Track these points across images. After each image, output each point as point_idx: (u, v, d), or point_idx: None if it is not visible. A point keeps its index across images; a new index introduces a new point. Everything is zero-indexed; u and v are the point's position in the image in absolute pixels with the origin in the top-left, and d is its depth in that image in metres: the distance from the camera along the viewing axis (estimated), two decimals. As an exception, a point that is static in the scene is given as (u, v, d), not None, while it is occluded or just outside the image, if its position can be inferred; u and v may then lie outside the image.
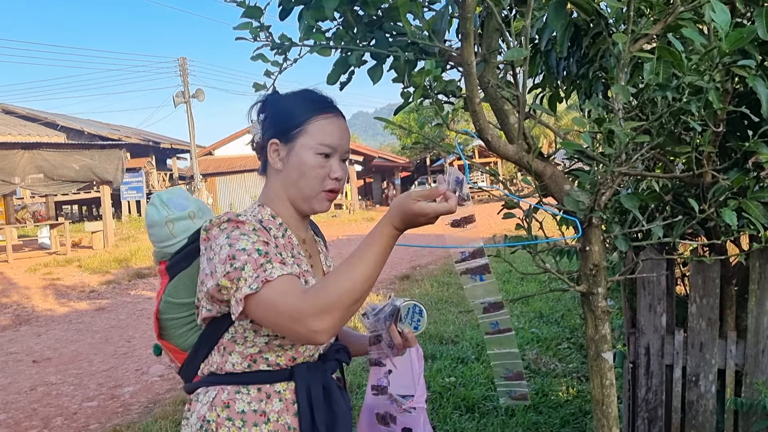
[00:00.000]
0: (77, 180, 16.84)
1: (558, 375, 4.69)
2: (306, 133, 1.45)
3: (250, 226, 1.36)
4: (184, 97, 27.49)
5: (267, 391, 1.42)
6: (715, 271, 2.34)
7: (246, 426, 1.38)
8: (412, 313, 1.59)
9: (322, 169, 1.45)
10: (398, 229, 1.30)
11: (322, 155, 1.45)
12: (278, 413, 1.41)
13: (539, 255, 1.64)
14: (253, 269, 1.27)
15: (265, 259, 1.29)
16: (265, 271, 1.26)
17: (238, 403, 1.40)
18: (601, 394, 1.59)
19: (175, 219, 1.72)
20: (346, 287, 1.22)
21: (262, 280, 1.25)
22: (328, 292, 1.22)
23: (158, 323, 1.67)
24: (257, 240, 1.32)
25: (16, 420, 4.90)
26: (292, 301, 1.23)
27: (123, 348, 7.02)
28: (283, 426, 1.40)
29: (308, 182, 1.45)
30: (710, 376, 2.41)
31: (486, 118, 1.49)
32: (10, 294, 10.97)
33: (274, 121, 1.50)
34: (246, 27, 1.58)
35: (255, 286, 1.24)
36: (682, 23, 1.52)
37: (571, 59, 2.11)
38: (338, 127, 1.48)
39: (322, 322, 1.21)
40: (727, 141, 2.02)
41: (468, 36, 1.38)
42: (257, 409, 1.40)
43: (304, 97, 1.51)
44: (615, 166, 1.44)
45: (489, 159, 32.69)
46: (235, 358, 1.43)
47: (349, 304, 1.23)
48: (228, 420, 1.39)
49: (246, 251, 1.29)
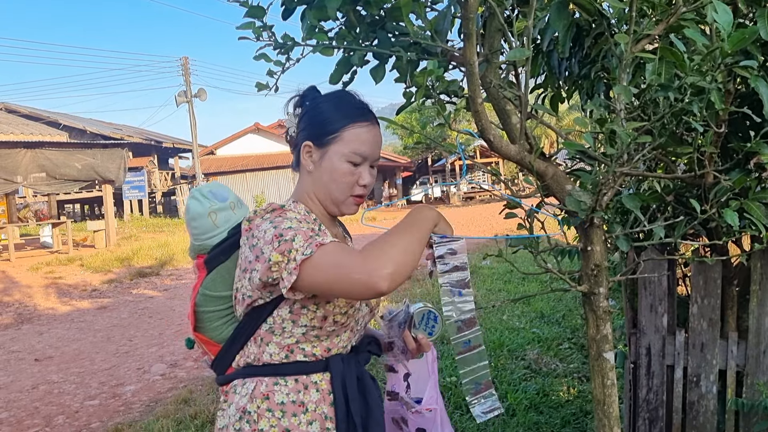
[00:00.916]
0: (79, 179, 16.88)
1: (559, 375, 4.69)
2: (340, 140, 1.47)
3: (293, 214, 1.42)
4: (186, 96, 27.52)
5: (304, 382, 1.46)
6: (716, 272, 2.34)
7: (286, 416, 1.43)
8: (426, 318, 1.60)
9: (351, 176, 1.48)
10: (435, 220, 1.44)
11: (353, 163, 1.48)
12: (315, 403, 1.45)
13: (541, 255, 1.64)
14: (303, 239, 1.32)
15: (312, 233, 1.34)
16: (318, 237, 1.32)
17: (277, 394, 1.44)
18: (603, 394, 1.60)
19: (218, 209, 1.77)
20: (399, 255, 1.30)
21: (315, 244, 1.30)
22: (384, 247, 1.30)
23: (194, 316, 1.69)
24: (302, 221, 1.39)
25: (18, 418, 4.91)
26: (350, 256, 1.29)
27: (125, 347, 7.04)
28: (320, 415, 1.44)
29: (338, 187, 1.49)
30: (711, 376, 2.41)
31: (488, 118, 1.50)
32: (12, 293, 10.99)
33: (310, 124, 1.52)
34: (249, 27, 1.59)
35: (309, 251, 1.29)
36: (684, 24, 1.52)
37: (573, 59, 2.11)
38: (372, 136, 1.51)
39: (385, 267, 1.26)
40: (728, 142, 2.02)
41: (470, 36, 1.38)
42: (296, 400, 1.44)
43: (342, 103, 1.53)
44: (617, 166, 1.44)
45: (491, 159, 32.69)
46: (272, 348, 1.46)
47: (403, 261, 1.30)
48: (268, 411, 1.43)
49: (292, 229, 1.34)
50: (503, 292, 8.17)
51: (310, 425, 1.43)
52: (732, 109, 1.72)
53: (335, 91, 1.58)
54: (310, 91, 1.58)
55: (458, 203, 34.02)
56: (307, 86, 1.61)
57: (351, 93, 1.58)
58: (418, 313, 1.60)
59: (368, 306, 1.59)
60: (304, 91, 1.59)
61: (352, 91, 1.59)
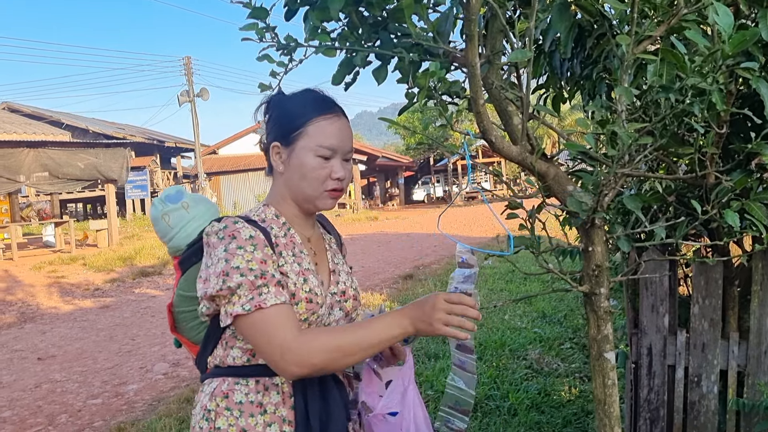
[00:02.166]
0: (82, 178, 16.91)
1: (560, 375, 4.70)
2: (305, 135, 1.46)
3: (246, 234, 1.38)
4: (188, 96, 27.56)
5: (265, 384, 1.45)
6: (717, 272, 2.35)
7: (243, 416, 1.42)
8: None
9: (322, 170, 1.47)
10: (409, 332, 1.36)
11: (323, 157, 1.46)
12: (275, 405, 1.44)
13: (542, 255, 1.65)
14: (248, 290, 1.33)
15: (261, 281, 1.34)
16: (260, 295, 1.32)
17: (236, 394, 1.44)
18: (603, 393, 1.60)
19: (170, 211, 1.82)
20: (337, 355, 1.31)
21: (255, 304, 1.31)
22: (320, 348, 1.31)
23: (171, 316, 1.73)
24: (252, 258, 1.36)
25: (21, 417, 4.93)
26: (284, 336, 1.31)
27: (127, 346, 7.05)
28: (279, 418, 1.43)
29: (309, 183, 1.48)
30: (712, 376, 2.42)
31: (490, 119, 1.50)
32: (15, 292, 11.02)
33: (275, 124, 1.53)
34: (252, 28, 1.59)
35: (248, 308, 1.31)
36: (685, 25, 1.53)
37: (575, 60, 2.12)
38: (338, 128, 1.49)
39: (301, 369, 1.31)
40: (730, 142, 2.03)
41: (472, 38, 1.39)
42: (254, 401, 1.43)
43: (304, 99, 1.52)
44: (618, 167, 1.44)
45: (493, 159, 32.70)
46: (235, 352, 1.47)
47: (333, 367, 1.34)
48: (227, 410, 1.43)
49: (240, 269, 1.33)
50: (505, 292, 8.17)
51: (269, 427, 1.42)
52: (733, 110, 1.72)
53: (297, 91, 1.57)
54: (274, 96, 1.58)
55: (460, 203, 34.02)
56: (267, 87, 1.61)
57: (313, 89, 1.57)
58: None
59: (342, 310, 1.56)
60: (269, 96, 1.59)
61: (316, 88, 1.58)
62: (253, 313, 1.31)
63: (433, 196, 44.16)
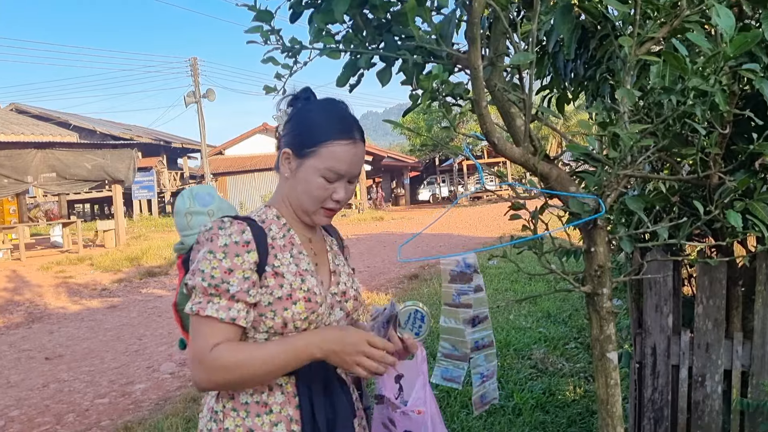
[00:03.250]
0: (89, 179, 16.98)
1: (565, 375, 4.70)
2: (317, 155, 1.45)
3: (221, 241, 1.40)
4: (194, 96, 27.64)
5: (269, 384, 1.45)
6: (721, 272, 2.35)
7: (250, 416, 1.44)
8: (413, 318, 1.55)
9: (324, 191, 1.47)
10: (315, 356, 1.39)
11: (328, 179, 1.46)
12: (281, 405, 1.45)
13: (545, 256, 1.66)
14: (200, 293, 1.37)
15: (214, 290, 1.37)
16: (207, 303, 1.36)
17: (241, 394, 1.45)
18: (606, 393, 1.61)
19: (194, 212, 1.83)
20: (243, 372, 1.34)
21: (197, 308, 1.36)
22: (226, 365, 1.34)
23: (178, 315, 1.74)
24: (218, 267, 1.38)
25: (29, 416, 4.96)
26: (202, 346, 1.35)
27: (134, 345, 7.08)
28: (286, 417, 1.44)
29: (309, 199, 1.48)
30: (716, 376, 2.42)
31: (492, 120, 1.52)
32: (23, 292, 11.08)
33: (292, 132, 1.52)
34: (257, 30, 1.61)
35: (193, 309, 1.37)
36: (688, 26, 1.54)
37: (579, 61, 2.13)
38: (352, 155, 1.47)
39: (207, 383, 1.36)
40: (733, 143, 2.03)
41: (475, 40, 1.40)
42: (259, 401, 1.44)
43: (327, 115, 1.50)
44: (620, 168, 1.45)
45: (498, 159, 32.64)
46: None
47: (238, 383, 1.38)
48: (233, 410, 1.45)
49: (203, 273, 1.38)
50: (510, 292, 8.17)
51: (275, 426, 1.43)
52: (736, 111, 1.73)
53: (324, 101, 1.54)
54: (303, 93, 1.57)
55: (466, 203, 33.99)
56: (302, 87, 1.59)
57: (340, 105, 1.53)
58: (404, 312, 1.54)
59: (343, 310, 1.56)
60: (298, 92, 1.57)
61: (343, 103, 1.54)
62: (193, 315, 1.37)
63: (438, 196, 44.13)
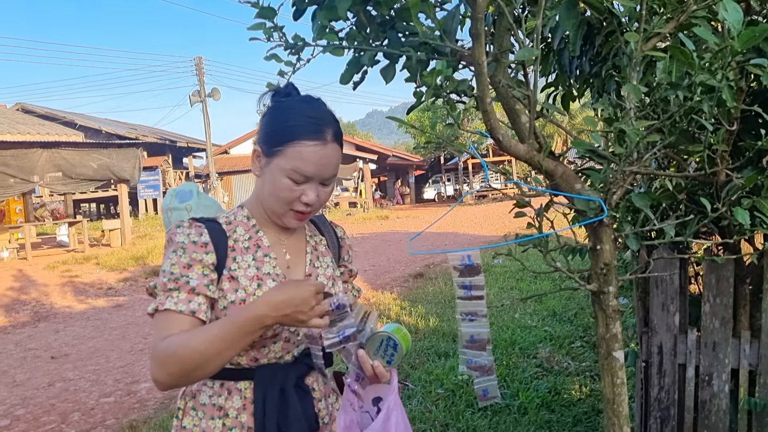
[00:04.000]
0: (95, 178, 17.03)
1: (571, 373, 4.68)
2: (284, 155, 1.39)
3: (179, 239, 1.39)
4: (200, 96, 27.68)
5: (229, 387, 1.44)
6: (728, 270, 2.33)
7: (205, 418, 1.43)
8: (385, 345, 1.45)
9: (291, 192, 1.41)
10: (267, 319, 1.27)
11: (294, 180, 1.40)
12: (237, 410, 1.43)
13: (550, 254, 1.64)
14: (161, 291, 1.35)
15: (174, 285, 1.35)
16: (165, 300, 1.34)
17: (202, 395, 1.45)
18: (612, 392, 1.60)
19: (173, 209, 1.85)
20: (185, 354, 1.26)
21: (156, 306, 1.34)
22: (170, 352, 1.26)
23: None
24: (176, 262, 1.36)
25: (35, 415, 4.97)
26: (155, 339, 1.31)
27: (140, 344, 7.10)
28: (240, 424, 1.42)
29: (276, 201, 1.43)
30: (723, 375, 2.40)
31: (497, 117, 1.50)
32: (29, 291, 11.11)
33: (263, 129, 1.47)
34: (260, 27, 1.60)
35: (153, 307, 1.35)
36: (695, 21, 1.52)
37: (584, 58, 2.11)
38: (320, 156, 1.40)
39: (158, 373, 1.28)
40: (740, 139, 2.01)
41: (479, 36, 1.38)
42: (216, 404, 1.43)
43: (298, 114, 1.43)
44: (626, 165, 1.44)
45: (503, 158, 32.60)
46: None
47: (185, 371, 1.26)
48: (192, 410, 1.45)
49: (164, 272, 1.37)
50: (515, 290, 8.15)
51: (229, 431, 1.42)
52: (744, 107, 1.71)
53: (300, 99, 1.49)
54: (285, 88, 1.51)
55: (471, 201, 33.96)
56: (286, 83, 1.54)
57: (315, 104, 1.47)
58: (376, 338, 1.45)
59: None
60: (278, 88, 1.52)
61: (319, 102, 1.48)
62: (154, 314, 1.34)
63: (443, 195, 44.12)
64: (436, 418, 4.00)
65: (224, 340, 1.26)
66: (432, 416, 4.05)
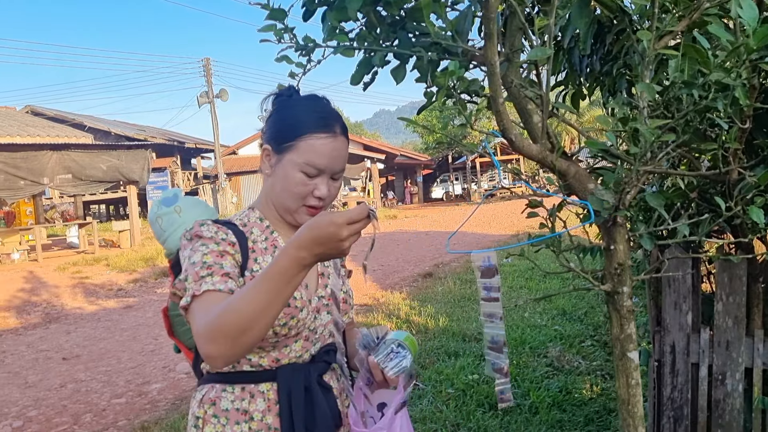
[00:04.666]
0: (104, 180, 17.11)
1: (582, 373, 4.66)
2: (295, 149, 1.42)
3: (208, 233, 1.37)
4: (208, 97, 27.77)
5: (251, 391, 1.43)
6: (741, 269, 2.32)
7: (229, 423, 1.41)
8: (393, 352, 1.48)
9: (305, 186, 1.43)
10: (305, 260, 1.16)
11: (307, 174, 1.42)
12: (262, 413, 1.42)
13: (563, 254, 1.64)
14: (192, 281, 1.28)
15: (207, 271, 1.29)
16: (200, 286, 1.26)
17: (223, 401, 1.43)
18: (627, 393, 1.59)
19: (163, 214, 1.86)
20: (232, 319, 1.15)
21: (191, 294, 1.26)
22: (215, 320, 1.16)
23: (167, 320, 1.75)
24: (209, 252, 1.32)
25: (47, 416, 5.00)
26: (198, 319, 1.21)
27: (150, 345, 7.12)
28: (266, 426, 1.42)
29: (290, 196, 1.44)
30: (737, 374, 2.38)
31: (509, 117, 1.50)
32: (40, 292, 11.18)
33: (271, 128, 1.49)
34: (270, 29, 1.60)
35: (188, 299, 1.26)
36: (707, 19, 1.51)
37: (595, 56, 2.10)
38: (331, 149, 1.43)
39: (210, 348, 1.16)
40: (753, 138, 2.00)
41: (491, 36, 1.38)
42: (240, 408, 1.42)
43: (305, 110, 1.47)
44: (641, 164, 1.43)
45: (511, 156, 32.54)
46: None
47: (234, 336, 1.15)
48: (214, 417, 1.42)
49: (195, 264, 1.30)
50: (524, 290, 8.13)
51: None
52: (757, 105, 1.69)
53: (305, 97, 1.52)
54: (285, 91, 1.53)
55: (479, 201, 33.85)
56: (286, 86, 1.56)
57: (320, 100, 1.51)
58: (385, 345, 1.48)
59: (330, 314, 1.52)
60: (279, 90, 1.54)
61: (324, 98, 1.52)
62: (190, 304, 1.25)
63: (452, 194, 44.05)
64: (446, 418, 4.00)
65: (268, 293, 1.15)
66: (443, 416, 4.05)
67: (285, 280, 1.15)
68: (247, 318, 1.14)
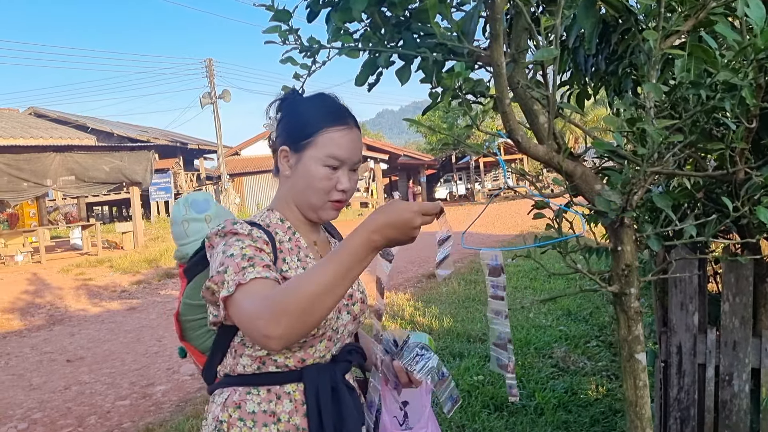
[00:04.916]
0: (107, 181, 17.15)
1: (587, 373, 4.65)
2: (315, 144, 1.45)
3: (245, 230, 1.37)
4: (210, 98, 27.78)
5: (277, 392, 1.43)
6: (748, 269, 2.31)
7: (257, 426, 1.41)
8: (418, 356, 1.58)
9: (328, 181, 1.45)
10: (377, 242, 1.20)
11: (330, 167, 1.45)
12: (288, 414, 1.42)
13: (569, 255, 1.63)
14: (233, 272, 1.26)
15: (248, 263, 1.28)
16: (244, 275, 1.25)
17: (248, 403, 1.42)
18: (635, 395, 1.58)
19: (191, 219, 1.82)
20: (297, 298, 1.15)
21: (236, 283, 1.24)
22: (280, 299, 1.16)
23: (179, 325, 1.73)
24: (247, 245, 1.32)
25: (52, 418, 5.01)
26: (252, 303, 1.20)
27: (154, 347, 7.13)
28: (294, 426, 1.42)
29: (314, 192, 1.46)
30: (744, 375, 2.37)
31: (516, 118, 1.49)
32: (44, 294, 11.20)
33: (286, 128, 1.51)
34: (275, 30, 1.59)
35: (231, 289, 1.24)
36: (714, 19, 1.50)
37: (600, 56, 2.09)
38: (349, 140, 1.47)
39: (271, 328, 1.15)
40: (760, 137, 1.98)
41: (497, 37, 1.37)
42: (267, 410, 1.42)
43: (317, 106, 1.51)
44: (648, 165, 1.42)
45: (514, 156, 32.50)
46: (245, 360, 1.45)
47: (299, 314, 1.15)
48: (240, 420, 1.41)
49: (233, 257, 1.29)
50: (529, 290, 8.12)
51: None
52: (763, 105, 1.68)
53: (313, 95, 1.56)
54: (290, 94, 1.56)
55: (483, 200, 33.87)
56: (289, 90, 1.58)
57: (329, 96, 1.55)
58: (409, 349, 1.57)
59: (350, 314, 1.53)
60: (284, 94, 1.57)
61: (332, 94, 1.56)
62: (234, 294, 1.23)
63: (455, 194, 44.02)
64: (452, 419, 3.99)
65: (335, 274, 1.16)
66: (448, 417, 4.04)
67: (355, 260, 1.18)
68: (312, 298, 1.15)
